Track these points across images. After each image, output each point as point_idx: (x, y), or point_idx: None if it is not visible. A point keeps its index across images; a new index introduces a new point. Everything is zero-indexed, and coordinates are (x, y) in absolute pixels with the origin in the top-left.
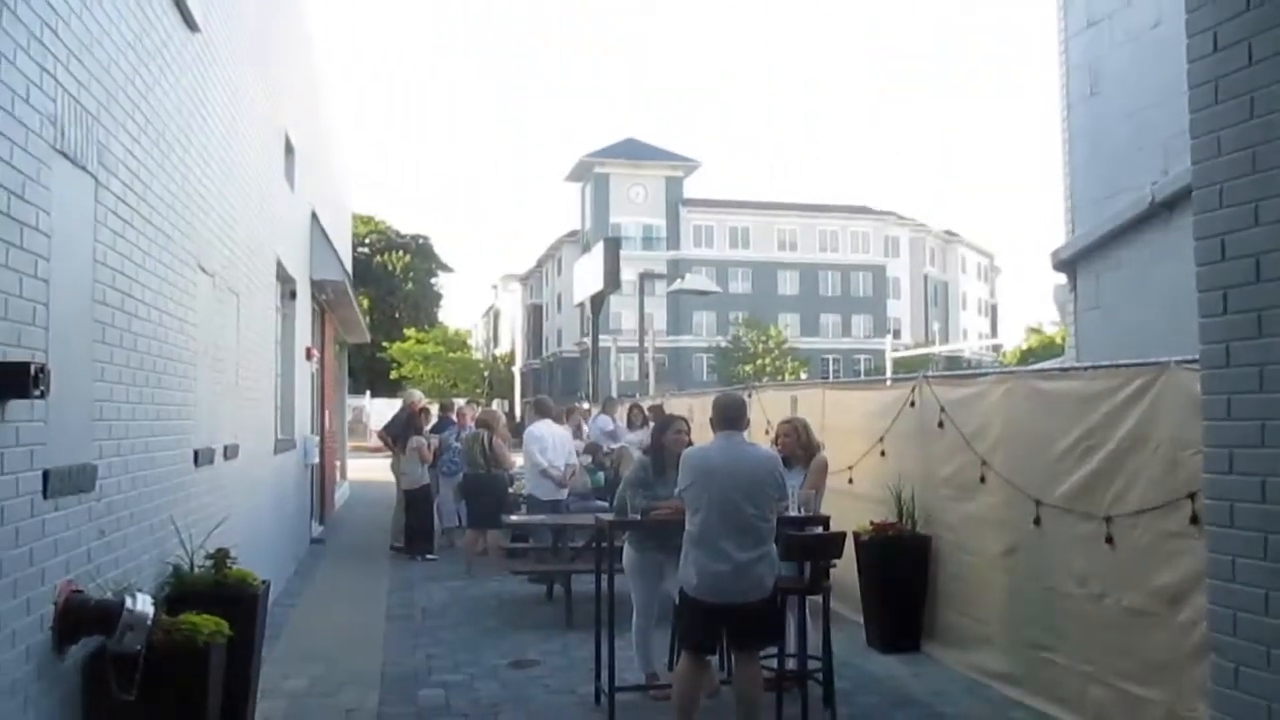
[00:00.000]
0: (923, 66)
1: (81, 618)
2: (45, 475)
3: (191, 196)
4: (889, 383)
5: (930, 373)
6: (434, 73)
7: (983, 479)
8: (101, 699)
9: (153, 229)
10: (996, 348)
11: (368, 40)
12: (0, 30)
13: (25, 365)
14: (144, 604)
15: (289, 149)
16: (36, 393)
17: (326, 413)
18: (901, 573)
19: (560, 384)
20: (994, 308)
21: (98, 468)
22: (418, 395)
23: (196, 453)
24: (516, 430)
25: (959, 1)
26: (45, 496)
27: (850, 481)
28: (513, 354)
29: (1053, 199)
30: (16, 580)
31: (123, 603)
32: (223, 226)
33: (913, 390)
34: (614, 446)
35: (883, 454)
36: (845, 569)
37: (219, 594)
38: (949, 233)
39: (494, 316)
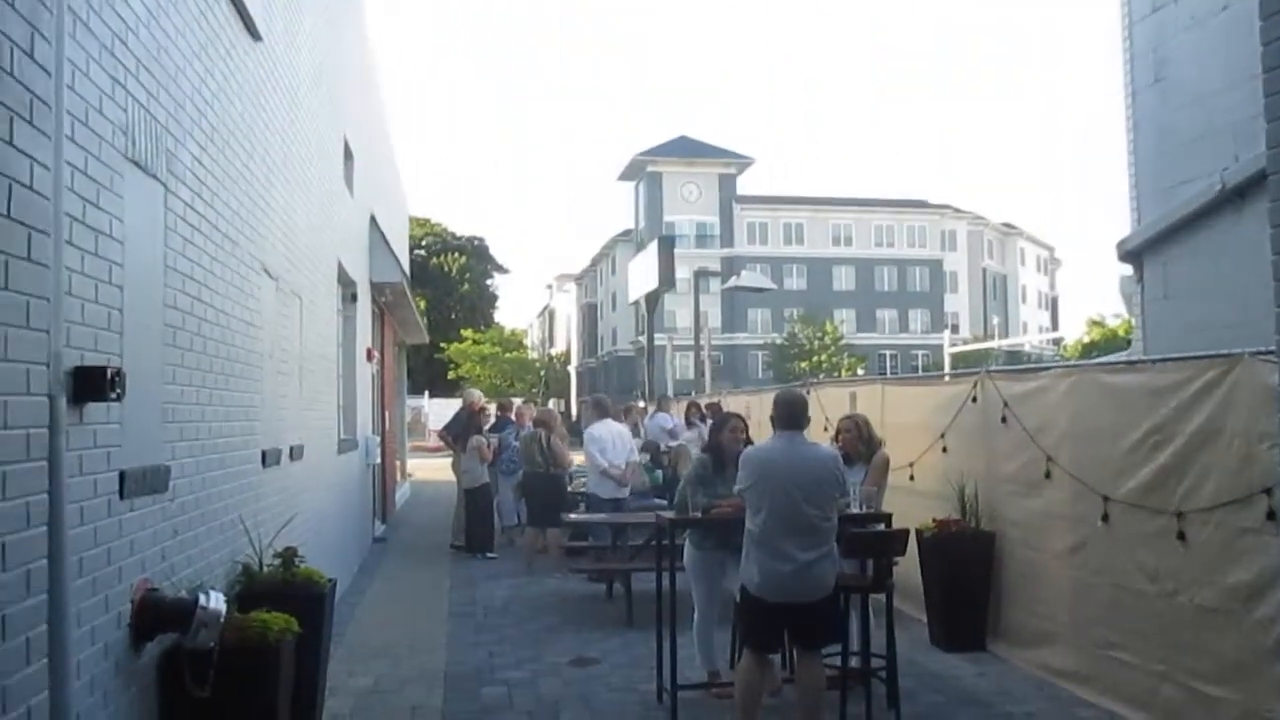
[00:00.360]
0: (982, 56)
1: (157, 615)
2: (121, 476)
3: (255, 202)
4: (947, 378)
5: (992, 367)
6: (487, 73)
7: (1048, 474)
8: (176, 695)
9: (219, 234)
10: (1057, 341)
11: (422, 43)
12: (73, 42)
13: (102, 369)
14: (217, 602)
15: (348, 154)
16: (113, 395)
17: (387, 413)
18: (965, 570)
19: (616, 383)
20: (1054, 301)
21: (170, 469)
22: (477, 395)
23: (264, 453)
24: (573, 429)
25: None
26: (121, 497)
27: (911, 478)
28: (568, 353)
29: (1116, 189)
30: (95, 579)
31: (196, 600)
32: (285, 231)
33: (974, 385)
34: (672, 445)
35: (944, 450)
36: (907, 566)
37: (287, 592)
38: (1008, 225)
39: (549, 316)
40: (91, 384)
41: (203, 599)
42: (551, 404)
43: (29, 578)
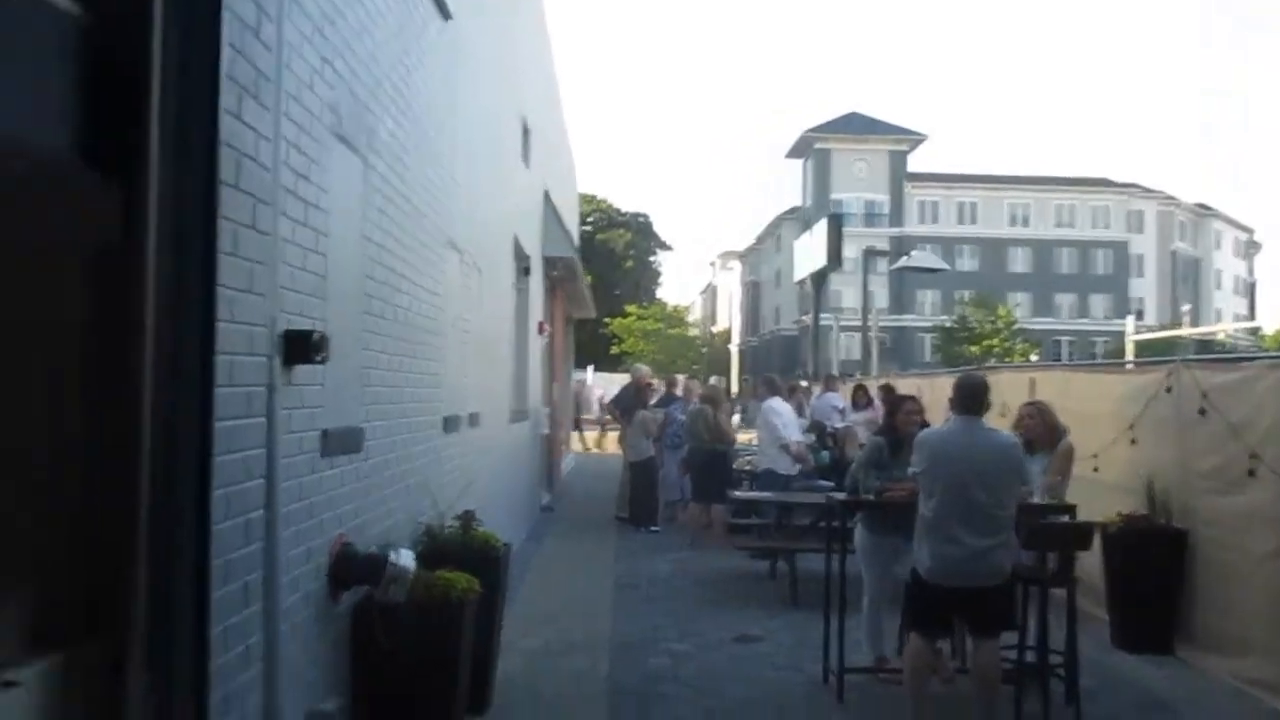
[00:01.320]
0: (1174, 26)
1: (352, 568)
2: (324, 435)
3: (442, 177)
4: (1130, 366)
5: (1188, 356)
6: (656, 48)
7: (1252, 473)
8: (367, 645)
9: (410, 207)
10: (1254, 330)
11: (589, 17)
12: (288, 22)
13: (309, 333)
14: (407, 559)
15: (525, 129)
16: (318, 359)
17: (555, 385)
18: (1153, 569)
19: (778, 362)
20: (1252, 287)
21: (364, 430)
22: (645, 370)
23: (446, 419)
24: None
25: None
26: (323, 455)
27: (1095, 470)
28: (730, 331)
29: None
30: (298, 531)
31: (387, 556)
32: (469, 206)
33: (1169, 375)
34: (838, 426)
35: (1133, 442)
36: (1087, 562)
37: (466, 554)
38: (1202, 206)
39: (712, 293)
40: (300, 347)
41: (392, 555)
42: (713, 380)
43: (247, 527)
